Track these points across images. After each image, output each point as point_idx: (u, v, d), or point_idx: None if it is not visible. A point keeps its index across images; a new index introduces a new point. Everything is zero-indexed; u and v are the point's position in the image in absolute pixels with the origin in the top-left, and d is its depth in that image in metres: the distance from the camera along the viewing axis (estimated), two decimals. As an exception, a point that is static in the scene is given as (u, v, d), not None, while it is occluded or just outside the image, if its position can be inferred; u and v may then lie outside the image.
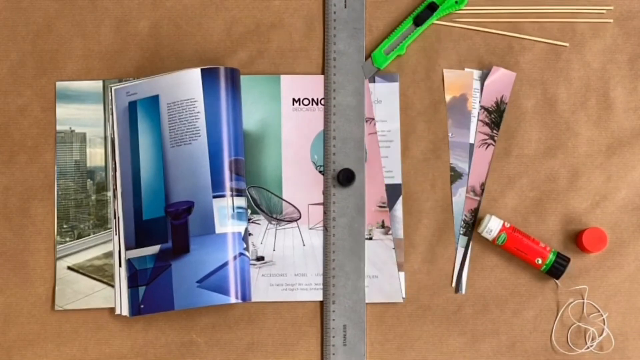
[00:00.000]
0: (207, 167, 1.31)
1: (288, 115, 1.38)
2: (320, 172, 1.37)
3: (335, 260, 1.34)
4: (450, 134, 1.38)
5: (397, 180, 1.37)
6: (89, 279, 1.34)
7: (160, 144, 1.33)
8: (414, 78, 1.39)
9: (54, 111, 1.39)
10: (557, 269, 1.33)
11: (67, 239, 1.35)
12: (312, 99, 1.38)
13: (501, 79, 1.39)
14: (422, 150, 1.38)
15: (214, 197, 1.31)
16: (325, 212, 1.36)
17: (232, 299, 1.28)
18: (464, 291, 1.36)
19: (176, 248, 1.31)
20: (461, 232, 1.37)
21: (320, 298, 1.35)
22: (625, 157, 1.38)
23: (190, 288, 1.29)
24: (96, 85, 1.38)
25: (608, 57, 1.40)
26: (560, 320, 1.36)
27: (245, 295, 1.30)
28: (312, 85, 1.38)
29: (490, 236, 1.33)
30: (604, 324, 1.35)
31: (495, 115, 1.38)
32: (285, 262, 1.35)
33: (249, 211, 1.36)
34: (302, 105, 1.38)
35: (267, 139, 1.37)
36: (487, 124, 1.38)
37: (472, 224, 1.37)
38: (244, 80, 1.38)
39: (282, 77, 1.38)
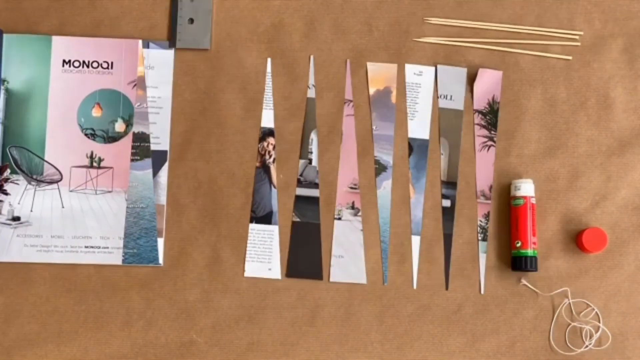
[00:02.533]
0: None
1: (57, 77, 1.37)
2: (85, 135, 1.37)
3: None
4: (374, 127, 1.39)
5: (164, 147, 1.37)
6: None
7: None
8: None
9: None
10: (520, 262, 1.33)
11: None
12: (84, 62, 1.38)
13: (489, 79, 1.39)
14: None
15: None
16: None
17: None
18: (483, 291, 1.36)
19: None
20: (479, 237, 1.37)
21: (76, 261, 1.35)
22: (625, 157, 1.38)
23: None
24: None
25: (608, 57, 1.40)
26: (557, 321, 1.36)
27: None
28: (85, 47, 1.38)
29: (513, 192, 1.34)
30: (599, 321, 1.35)
31: (490, 116, 1.38)
32: (42, 223, 1.35)
33: (8, 171, 1.35)
34: (72, 67, 1.37)
35: (33, 99, 1.37)
36: (484, 126, 1.38)
37: (487, 228, 1.37)
38: (12, 39, 1.37)
39: (54, 38, 1.38)
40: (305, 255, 1.36)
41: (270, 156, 1.37)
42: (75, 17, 1.39)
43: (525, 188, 1.34)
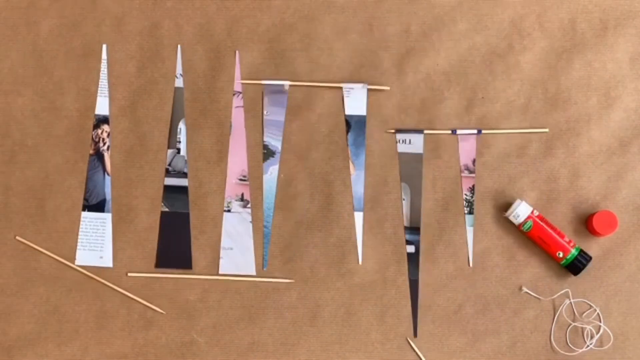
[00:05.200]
0: None
1: None
2: None
3: None
4: (265, 112, 1.38)
5: None
6: None
7: None
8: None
9: (56, 111, 1.39)
10: (576, 265, 1.33)
11: None
12: None
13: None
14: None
15: None
16: None
17: None
18: (471, 264, 1.36)
19: None
20: (465, 211, 1.36)
21: None
22: (625, 157, 1.38)
23: None
24: None
25: (609, 57, 1.40)
26: (558, 321, 1.36)
27: None
28: None
29: (516, 221, 1.33)
30: (600, 321, 1.35)
31: None
32: None
33: None
34: None
35: None
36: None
37: (473, 201, 1.36)
38: None
39: None
40: (174, 246, 1.36)
41: (104, 143, 1.37)
42: None
43: (522, 210, 1.33)
